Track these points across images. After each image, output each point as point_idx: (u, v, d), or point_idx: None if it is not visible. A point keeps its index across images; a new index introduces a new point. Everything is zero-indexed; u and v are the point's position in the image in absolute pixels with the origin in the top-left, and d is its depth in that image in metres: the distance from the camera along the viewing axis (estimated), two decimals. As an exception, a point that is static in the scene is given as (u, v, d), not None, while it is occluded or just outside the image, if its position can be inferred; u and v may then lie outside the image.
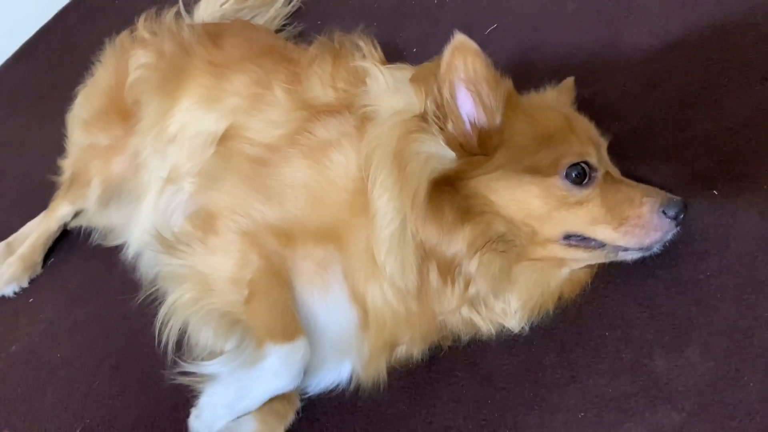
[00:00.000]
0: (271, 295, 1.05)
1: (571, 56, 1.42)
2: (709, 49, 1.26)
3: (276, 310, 1.04)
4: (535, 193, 1.00)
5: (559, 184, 1.00)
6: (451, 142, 0.99)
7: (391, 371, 1.08)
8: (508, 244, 1.01)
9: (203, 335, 1.08)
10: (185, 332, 1.10)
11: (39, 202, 1.71)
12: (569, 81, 1.28)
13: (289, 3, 1.94)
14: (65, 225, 1.62)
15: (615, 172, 1.07)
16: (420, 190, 0.97)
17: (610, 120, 1.24)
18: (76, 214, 1.60)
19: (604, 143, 1.08)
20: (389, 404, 1.05)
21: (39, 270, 1.59)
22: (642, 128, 1.22)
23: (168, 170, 1.31)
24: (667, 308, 0.99)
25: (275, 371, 1.00)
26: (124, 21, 1.66)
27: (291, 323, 1.03)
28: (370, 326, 1.07)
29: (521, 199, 1.00)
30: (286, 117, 1.18)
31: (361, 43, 1.27)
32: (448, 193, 0.98)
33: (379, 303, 1.05)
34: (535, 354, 1.03)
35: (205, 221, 1.12)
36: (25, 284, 1.57)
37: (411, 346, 1.08)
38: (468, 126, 1.00)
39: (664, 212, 0.99)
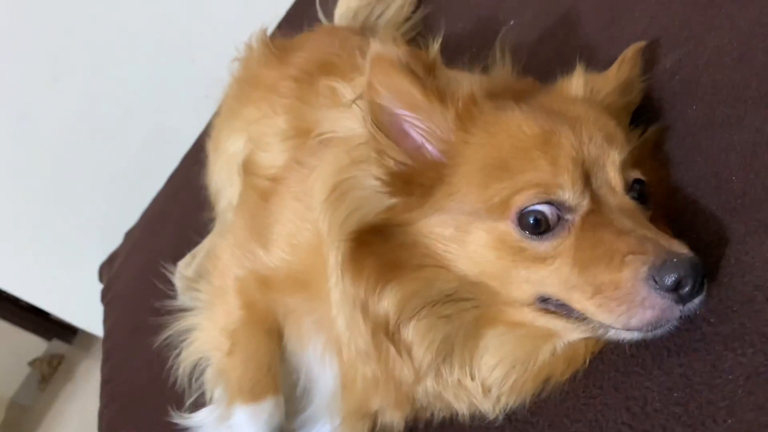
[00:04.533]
0: (248, 348, 1.01)
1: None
2: None
3: (250, 365, 1.00)
4: (484, 242, 0.76)
5: (511, 231, 0.74)
6: (389, 177, 0.80)
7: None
8: (459, 306, 0.79)
9: (204, 379, 1.10)
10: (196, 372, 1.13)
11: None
12: (631, 51, 0.91)
13: (416, -14, 1.78)
14: None
15: (622, 201, 0.74)
16: (342, 241, 0.81)
17: (682, 105, 0.85)
18: None
19: (612, 157, 0.75)
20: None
21: None
22: (723, 115, 0.80)
23: (226, 202, 1.36)
24: (659, 420, 0.65)
25: (242, 431, 0.97)
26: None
27: (263, 380, 0.98)
28: (345, 386, 0.95)
29: (470, 250, 0.77)
30: (284, 145, 1.11)
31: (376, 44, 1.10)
32: (376, 243, 0.80)
33: (348, 362, 0.93)
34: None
35: (213, 260, 1.14)
36: None
37: (387, 415, 0.93)
38: (404, 157, 0.80)
39: (654, 280, 0.65)
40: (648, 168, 0.81)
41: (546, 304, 0.75)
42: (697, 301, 0.67)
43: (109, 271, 2.37)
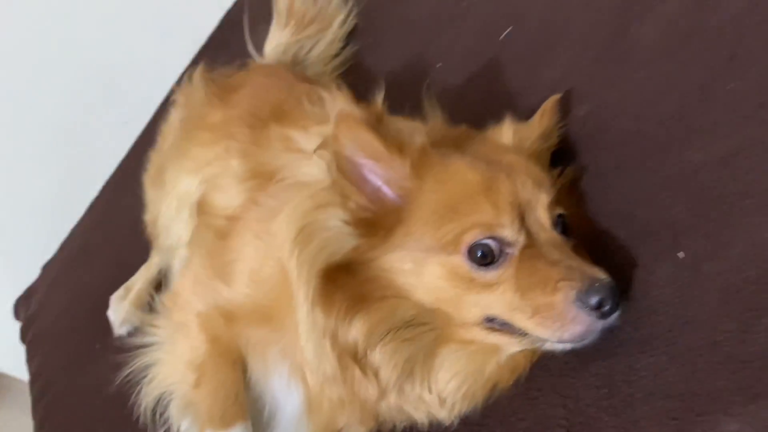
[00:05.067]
0: (215, 379, 1.07)
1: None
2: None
3: (218, 395, 1.06)
4: (439, 274, 0.89)
5: (463, 263, 0.87)
6: (353, 218, 0.91)
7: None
8: (418, 330, 0.91)
9: (170, 413, 1.15)
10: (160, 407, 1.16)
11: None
12: (549, 103, 1.08)
13: (346, 22, 1.90)
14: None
15: (551, 236, 0.89)
16: (311, 278, 0.91)
17: (594, 149, 1.02)
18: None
19: (541, 199, 0.90)
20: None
21: (148, 310, 1.80)
22: (629, 159, 0.97)
23: (176, 238, 1.40)
24: (590, 412, 0.80)
25: None
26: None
27: (231, 408, 1.05)
28: (312, 408, 1.05)
29: (427, 281, 0.89)
30: (239, 187, 1.17)
31: (326, 95, 1.22)
32: (343, 278, 0.91)
33: (315, 386, 1.03)
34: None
35: (173, 299, 1.19)
36: (138, 324, 1.76)
37: (353, 431, 1.04)
38: (366, 201, 0.92)
39: (581, 301, 0.80)
40: (567, 204, 0.96)
41: (492, 323, 0.88)
42: (614, 316, 0.81)
43: (26, 307, 2.29)
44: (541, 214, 0.89)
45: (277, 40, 1.91)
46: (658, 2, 1.08)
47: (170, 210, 1.44)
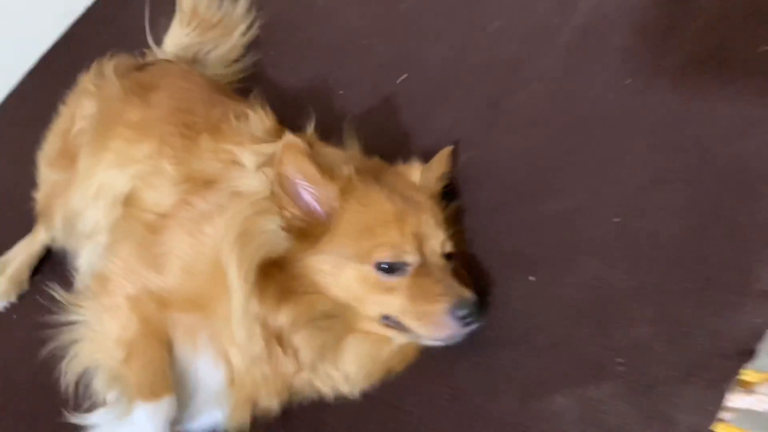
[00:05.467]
0: (145, 355, 1.22)
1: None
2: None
3: (148, 370, 1.21)
4: (353, 277, 1.14)
5: (372, 271, 1.13)
6: (287, 225, 1.13)
7: (254, 422, 1.24)
8: (332, 321, 1.16)
9: (94, 386, 1.27)
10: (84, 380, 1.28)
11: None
12: (446, 151, 1.36)
13: (248, 32, 2.06)
14: (47, 246, 1.85)
15: (439, 261, 1.16)
16: (250, 271, 1.12)
17: (474, 190, 1.33)
18: (52, 238, 1.81)
19: (437, 235, 1.17)
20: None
21: (26, 287, 1.83)
22: (500, 202, 1.30)
23: (92, 224, 1.48)
24: (468, 392, 1.11)
25: (141, 426, 1.17)
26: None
27: (160, 382, 1.21)
28: (234, 384, 1.23)
29: (343, 282, 1.15)
30: (172, 188, 1.32)
31: (252, 114, 1.40)
32: (275, 274, 1.13)
33: (239, 365, 1.22)
34: (359, 416, 1.18)
35: (101, 281, 1.30)
36: (14, 299, 1.81)
37: (269, 402, 1.24)
38: (300, 212, 1.15)
39: (452, 312, 1.08)
40: (452, 234, 1.24)
41: (388, 320, 1.15)
42: (477, 324, 1.11)
43: None
44: (435, 246, 1.17)
45: (179, 38, 2.02)
46: (530, 81, 1.41)
47: (86, 196, 1.51)
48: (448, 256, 1.19)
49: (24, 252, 1.86)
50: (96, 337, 1.28)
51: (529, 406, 1.03)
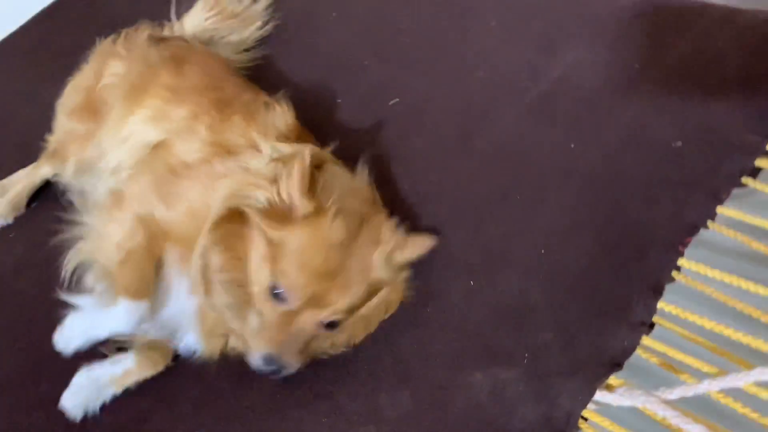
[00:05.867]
0: (139, 264, 1.44)
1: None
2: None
3: (136, 275, 1.43)
4: (263, 275, 1.36)
5: (269, 282, 1.34)
6: (267, 201, 1.35)
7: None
8: (241, 289, 1.37)
9: (88, 277, 1.51)
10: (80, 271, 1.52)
11: (40, 150, 2.06)
12: (422, 242, 1.46)
13: (263, 28, 2.30)
14: (47, 179, 2.03)
15: (306, 323, 1.33)
16: (220, 209, 1.37)
17: (435, 203, 1.64)
18: (56, 175, 2.00)
19: (332, 311, 1.33)
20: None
21: (23, 210, 2.02)
22: (456, 218, 1.62)
23: (117, 162, 1.70)
24: (408, 359, 1.42)
25: (119, 317, 1.41)
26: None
27: (144, 289, 1.43)
28: (200, 315, 1.46)
29: (257, 265, 1.36)
30: (202, 147, 1.55)
31: (278, 108, 1.65)
32: (233, 223, 1.35)
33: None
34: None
35: (117, 198, 1.53)
36: (11, 221, 2.00)
37: (234, 342, 1.47)
38: (279, 200, 1.36)
39: (264, 359, 1.32)
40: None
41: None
42: (277, 376, 1.33)
43: None
44: (319, 314, 1.33)
45: (199, 20, 2.23)
46: (494, 127, 1.75)
47: (114, 141, 1.73)
48: (331, 324, 1.36)
49: (26, 180, 2.04)
50: (100, 238, 1.50)
51: (455, 375, 1.34)
